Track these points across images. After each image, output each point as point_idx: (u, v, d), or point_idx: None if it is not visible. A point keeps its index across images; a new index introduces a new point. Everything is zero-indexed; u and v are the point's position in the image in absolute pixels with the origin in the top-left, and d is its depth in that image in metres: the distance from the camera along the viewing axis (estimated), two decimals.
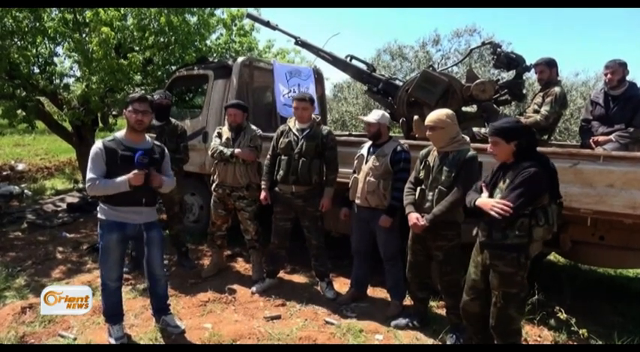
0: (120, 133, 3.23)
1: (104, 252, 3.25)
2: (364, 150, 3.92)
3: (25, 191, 8.00)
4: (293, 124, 4.13)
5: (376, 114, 3.83)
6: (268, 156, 4.20)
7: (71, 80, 6.95)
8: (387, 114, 3.91)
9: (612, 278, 5.18)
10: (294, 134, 4.06)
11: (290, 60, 9.03)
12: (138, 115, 3.14)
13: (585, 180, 3.39)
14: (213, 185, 4.54)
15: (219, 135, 4.48)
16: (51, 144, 15.20)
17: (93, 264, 4.87)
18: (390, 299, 4.01)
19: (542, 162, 2.64)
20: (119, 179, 3.05)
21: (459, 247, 3.37)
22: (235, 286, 4.40)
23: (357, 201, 3.89)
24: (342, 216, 4.13)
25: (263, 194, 4.22)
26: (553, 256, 5.14)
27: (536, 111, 4.34)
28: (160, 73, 6.82)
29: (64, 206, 7.12)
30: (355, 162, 3.96)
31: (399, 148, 3.74)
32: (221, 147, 4.33)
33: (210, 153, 4.44)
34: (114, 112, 7.20)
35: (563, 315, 3.46)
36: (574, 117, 7.99)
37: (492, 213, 2.61)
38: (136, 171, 3.05)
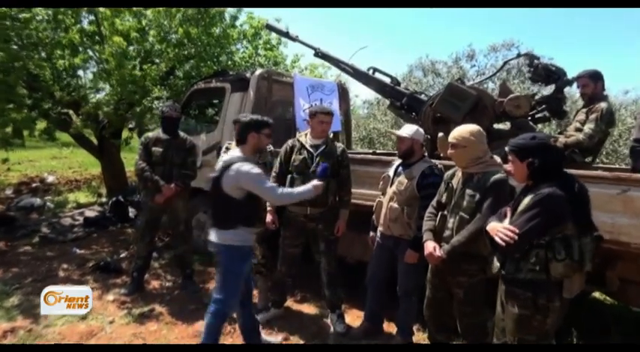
0: (243, 154, 3.06)
1: (237, 281, 3.07)
2: (391, 170, 3.51)
3: (48, 203, 7.96)
4: (305, 140, 3.78)
5: (409, 129, 3.41)
6: (274, 175, 3.82)
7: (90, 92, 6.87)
8: (422, 130, 3.50)
9: None
10: (309, 151, 3.71)
11: (318, 74, 8.76)
12: (269, 139, 3.28)
13: (637, 210, 2.88)
14: None
15: (228, 151, 4.20)
16: (87, 157, 15.36)
17: (94, 283, 4.64)
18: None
19: (564, 184, 2.20)
20: (305, 188, 3.06)
21: (483, 284, 2.90)
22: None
23: (380, 228, 3.50)
24: (370, 242, 3.71)
25: (269, 217, 3.80)
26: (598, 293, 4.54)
27: (579, 130, 3.83)
28: (180, 84, 6.65)
29: (82, 220, 6.99)
30: (381, 183, 3.56)
31: (427, 171, 3.27)
32: None
33: (216, 169, 4.14)
34: (130, 126, 7.07)
35: None
36: (623, 138, 7.31)
37: (497, 239, 2.22)
38: (317, 181, 3.08)
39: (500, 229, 2.24)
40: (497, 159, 2.94)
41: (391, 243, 3.44)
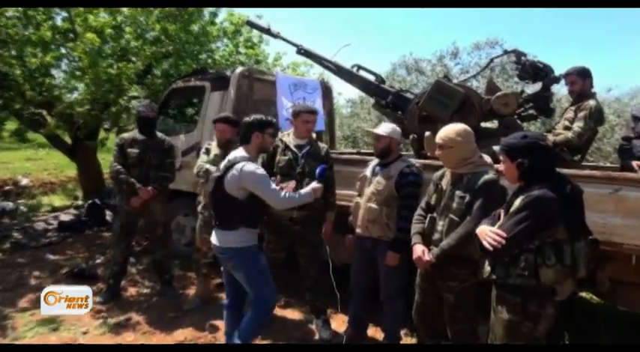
0: (247, 154, 2.96)
1: (262, 276, 3.01)
2: (369, 170, 3.40)
3: (21, 207, 7.67)
4: (289, 140, 3.63)
5: (387, 127, 3.32)
6: None
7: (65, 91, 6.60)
8: (399, 129, 3.39)
9: None
10: (293, 151, 3.57)
11: (300, 73, 8.61)
12: (273, 139, 3.21)
13: (629, 210, 2.81)
14: (199, 206, 4.09)
15: (207, 152, 4.05)
16: (63, 158, 14.95)
17: None
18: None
19: (556, 185, 2.09)
20: (305, 191, 3.00)
21: (475, 289, 2.80)
22: (219, 322, 3.85)
23: (358, 230, 3.37)
24: (347, 244, 3.59)
25: None
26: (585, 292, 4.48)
27: (568, 128, 3.76)
28: (158, 83, 6.42)
29: (57, 224, 6.72)
30: (358, 183, 3.45)
31: (406, 170, 3.18)
32: (207, 165, 3.88)
33: (195, 171, 3.99)
34: (106, 126, 6.82)
35: None
36: (607, 136, 7.32)
37: (484, 243, 2.13)
38: (317, 184, 3.05)
39: (488, 232, 2.15)
40: (487, 158, 2.84)
41: (369, 245, 3.32)
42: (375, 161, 3.43)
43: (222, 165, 2.94)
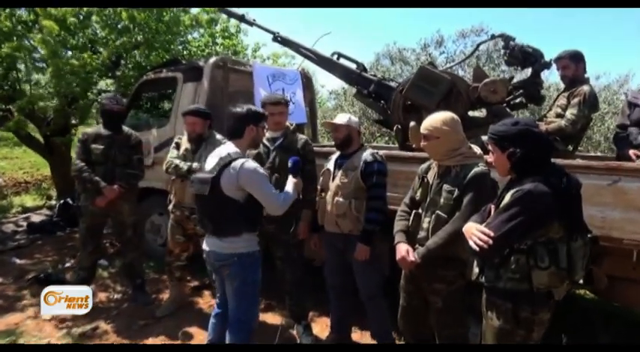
0: (239, 149, 2.66)
1: (255, 290, 2.74)
2: (331, 164, 3.19)
3: None
4: None
5: (344, 116, 3.15)
6: None
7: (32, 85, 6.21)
8: (356, 118, 3.20)
9: None
10: (264, 144, 3.32)
11: (281, 64, 8.31)
12: (265, 133, 3.06)
13: (629, 203, 2.61)
14: (170, 205, 3.82)
15: (177, 146, 3.79)
16: (39, 157, 14.50)
17: (32, 298, 4.12)
18: None
19: (550, 178, 1.87)
20: (290, 188, 2.75)
21: (463, 291, 2.57)
22: (193, 329, 3.63)
23: (327, 227, 3.16)
24: (312, 246, 3.38)
25: None
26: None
27: (560, 116, 3.55)
28: (130, 75, 6.08)
29: (26, 226, 6.39)
30: (320, 178, 3.25)
31: (369, 158, 2.99)
32: (177, 161, 3.62)
33: (164, 167, 3.71)
34: (73, 121, 6.45)
35: None
36: (597, 125, 7.14)
37: (470, 242, 1.92)
38: (293, 178, 2.81)
39: (474, 231, 1.93)
40: (477, 149, 2.62)
41: (340, 243, 3.11)
42: (336, 154, 3.23)
43: (215, 164, 2.60)
